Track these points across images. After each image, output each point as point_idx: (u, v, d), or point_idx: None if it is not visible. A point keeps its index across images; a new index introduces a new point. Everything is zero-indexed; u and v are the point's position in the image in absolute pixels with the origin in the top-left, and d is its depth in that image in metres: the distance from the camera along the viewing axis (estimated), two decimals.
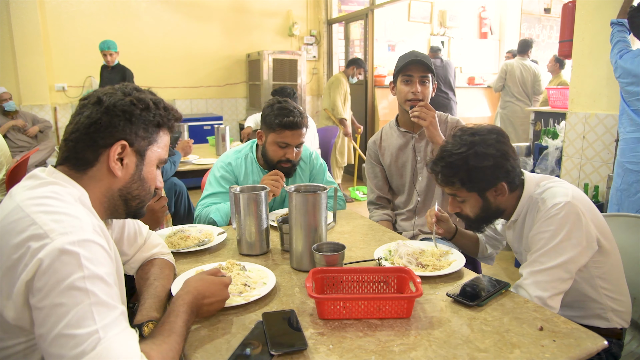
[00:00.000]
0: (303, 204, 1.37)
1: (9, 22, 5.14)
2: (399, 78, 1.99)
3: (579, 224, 1.25)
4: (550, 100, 4.00)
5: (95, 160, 0.94)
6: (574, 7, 3.02)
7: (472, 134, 1.35)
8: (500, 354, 0.94)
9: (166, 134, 1.05)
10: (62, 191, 0.87)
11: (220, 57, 6.45)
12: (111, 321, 0.77)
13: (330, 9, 6.92)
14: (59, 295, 0.73)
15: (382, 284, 1.22)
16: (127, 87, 0.99)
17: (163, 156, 1.05)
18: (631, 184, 2.40)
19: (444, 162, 1.36)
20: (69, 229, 0.78)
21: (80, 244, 0.77)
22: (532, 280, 1.25)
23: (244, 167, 2.02)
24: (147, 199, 1.04)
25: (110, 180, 0.96)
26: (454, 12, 7.52)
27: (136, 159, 0.98)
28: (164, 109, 1.01)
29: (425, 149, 2.05)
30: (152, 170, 1.03)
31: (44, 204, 0.81)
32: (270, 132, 1.92)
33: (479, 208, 1.39)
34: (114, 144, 0.93)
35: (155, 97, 1.02)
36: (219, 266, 1.36)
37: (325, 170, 2.18)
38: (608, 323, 1.35)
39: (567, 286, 1.26)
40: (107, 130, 0.93)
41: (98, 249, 0.81)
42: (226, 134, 3.84)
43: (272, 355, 0.93)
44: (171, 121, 1.04)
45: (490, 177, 1.33)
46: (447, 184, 1.38)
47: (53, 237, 0.76)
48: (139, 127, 0.96)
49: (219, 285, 1.08)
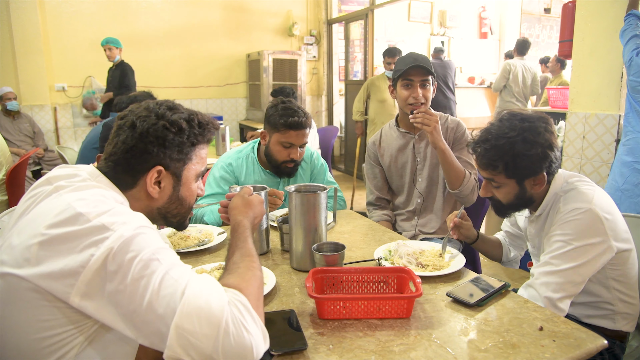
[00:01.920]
0: (303, 204, 1.37)
1: (9, 22, 5.14)
2: (399, 82, 1.97)
3: (597, 231, 1.23)
4: (550, 100, 4.00)
5: (134, 184, 0.97)
6: (574, 7, 3.02)
7: (522, 120, 1.31)
8: (500, 354, 0.94)
9: (203, 148, 1.05)
10: (107, 194, 0.88)
11: (220, 57, 6.45)
12: (188, 274, 0.80)
13: (330, 9, 6.91)
14: (137, 271, 0.76)
15: (382, 284, 1.22)
16: (161, 107, 0.99)
17: (201, 169, 1.06)
18: (636, 184, 2.37)
19: (490, 145, 1.31)
20: (127, 219, 0.82)
21: (140, 229, 0.81)
22: (544, 280, 1.23)
23: (245, 167, 2.02)
24: (187, 214, 1.08)
25: (148, 201, 0.99)
26: (454, 12, 7.52)
27: (173, 180, 1.00)
28: (199, 126, 1.02)
29: (425, 150, 2.04)
30: (190, 187, 1.05)
31: (95, 203, 0.83)
32: (274, 132, 1.92)
33: (514, 195, 1.36)
34: (150, 169, 0.96)
35: (190, 113, 1.01)
36: (219, 265, 1.36)
37: (326, 170, 2.17)
38: (614, 325, 1.34)
39: (578, 290, 1.24)
40: (143, 157, 0.95)
41: (154, 232, 0.84)
42: (226, 134, 3.84)
43: (272, 355, 0.93)
44: (207, 136, 1.04)
45: (534, 166, 1.29)
46: (489, 167, 1.34)
47: (114, 228, 0.78)
48: (173, 151, 0.97)
49: (260, 204, 1.22)
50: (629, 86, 2.44)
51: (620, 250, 1.27)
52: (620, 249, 1.27)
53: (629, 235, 1.33)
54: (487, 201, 2.10)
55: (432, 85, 1.97)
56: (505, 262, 1.71)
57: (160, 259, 0.79)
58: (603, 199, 1.29)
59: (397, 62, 2.01)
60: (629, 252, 1.31)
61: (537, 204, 1.40)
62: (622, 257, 1.29)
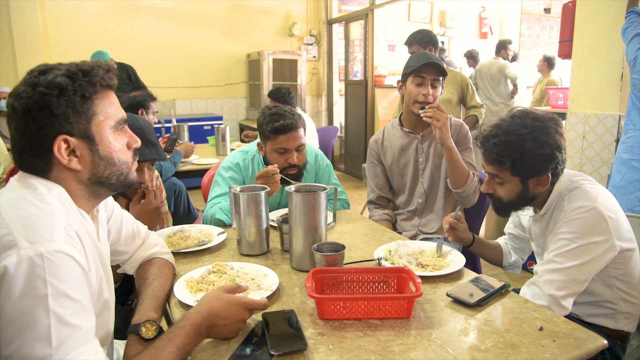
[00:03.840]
0: (303, 204, 1.37)
1: (9, 22, 5.13)
2: (410, 78, 1.95)
3: (601, 230, 1.23)
4: (550, 100, 4.00)
5: (49, 165, 0.88)
6: (574, 7, 3.02)
7: (534, 119, 1.31)
8: (500, 354, 0.94)
9: (105, 97, 0.92)
10: (43, 190, 0.84)
11: (220, 57, 6.45)
12: (71, 344, 0.75)
13: (330, 9, 6.91)
14: (19, 309, 0.72)
15: (382, 284, 1.22)
16: (32, 75, 0.87)
17: (115, 118, 0.94)
18: (631, 182, 2.38)
19: (499, 140, 1.30)
20: (38, 238, 0.76)
21: (48, 256, 0.75)
22: (548, 278, 1.23)
23: (251, 168, 2.02)
24: (125, 168, 0.96)
25: (74, 174, 0.90)
26: (454, 12, 7.52)
27: (86, 143, 0.89)
28: (84, 75, 0.88)
29: (428, 150, 2.03)
30: (110, 141, 0.92)
31: (18, 207, 0.79)
32: (267, 141, 1.90)
33: (516, 194, 1.36)
34: (53, 143, 0.85)
35: (68, 67, 0.88)
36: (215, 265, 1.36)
37: (331, 171, 2.15)
38: (616, 324, 1.34)
39: (581, 288, 1.24)
40: (39, 134, 0.85)
41: (67, 261, 0.77)
42: (226, 134, 3.84)
43: (272, 355, 0.93)
44: (99, 82, 0.90)
45: (540, 166, 1.29)
46: (495, 163, 1.33)
47: (21, 246, 0.73)
48: (66, 114, 0.85)
49: (236, 307, 0.98)
50: (632, 85, 2.43)
51: (624, 249, 1.27)
52: (623, 248, 1.27)
53: (632, 234, 1.33)
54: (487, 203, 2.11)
55: (441, 87, 1.96)
56: (507, 266, 1.70)
57: (51, 311, 0.73)
58: (607, 198, 1.29)
59: (410, 59, 2.00)
60: (632, 251, 1.31)
61: (542, 202, 1.39)
62: (625, 257, 1.29)
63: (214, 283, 1.24)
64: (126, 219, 1.23)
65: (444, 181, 2.03)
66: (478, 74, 5.31)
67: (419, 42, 3.19)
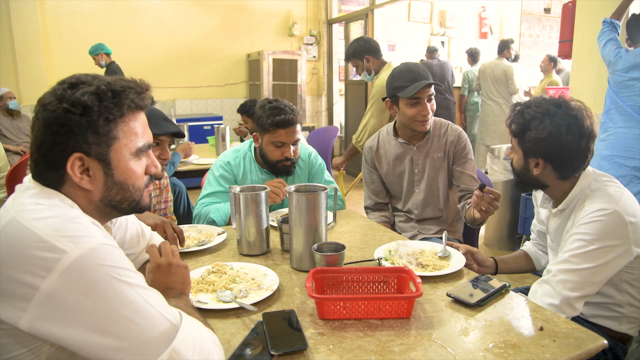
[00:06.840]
0: (303, 204, 1.37)
1: (9, 22, 5.14)
2: (405, 100, 1.87)
3: (620, 234, 1.22)
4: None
5: (62, 179, 0.85)
6: (574, 7, 3.02)
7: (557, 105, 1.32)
8: (501, 354, 0.94)
9: (132, 119, 0.89)
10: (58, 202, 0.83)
11: (220, 57, 6.45)
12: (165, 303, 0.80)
13: (330, 9, 6.91)
14: (101, 299, 0.73)
15: (382, 284, 1.22)
16: (63, 86, 0.84)
17: (138, 143, 0.90)
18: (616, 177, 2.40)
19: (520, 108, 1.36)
20: (78, 238, 0.76)
21: (95, 249, 0.76)
22: (562, 278, 1.22)
23: (243, 166, 2.02)
24: (137, 195, 0.93)
25: (85, 193, 0.87)
26: (454, 12, 7.52)
27: (101, 165, 0.86)
28: (113, 96, 0.85)
29: (423, 161, 1.99)
30: (127, 167, 0.89)
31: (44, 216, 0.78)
32: (264, 134, 1.91)
33: (520, 167, 1.40)
34: (67, 160, 0.83)
35: (99, 85, 0.85)
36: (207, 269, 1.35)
37: (324, 169, 2.16)
38: (619, 327, 1.34)
39: (594, 291, 1.24)
40: (56, 149, 0.83)
41: (113, 249, 0.79)
42: (226, 134, 3.84)
43: (272, 355, 0.93)
44: (126, 105, 0.87)
45: (536, 148, 1.32)
46: (510, 125, 1.39)
47: (67, 249, 0.73)
48: (86, 134, 0.83)
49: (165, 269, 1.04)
50: (613, 83, 2.51)
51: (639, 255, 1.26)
52: (639, 253, 1.26)
53: None
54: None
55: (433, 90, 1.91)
56: (540, 271, 1.63)
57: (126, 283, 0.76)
58: (630, 202, 1.28)
59: (395, 76, 1.90)
60: None
61: (561, 197, 1.39)
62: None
63: (214, 283, 1.24)
64: (130, 221, 1.24)
65: (443, 193, 1.99)
66: (482, 74, 5.30)
67: (353, 55, 3.14)
